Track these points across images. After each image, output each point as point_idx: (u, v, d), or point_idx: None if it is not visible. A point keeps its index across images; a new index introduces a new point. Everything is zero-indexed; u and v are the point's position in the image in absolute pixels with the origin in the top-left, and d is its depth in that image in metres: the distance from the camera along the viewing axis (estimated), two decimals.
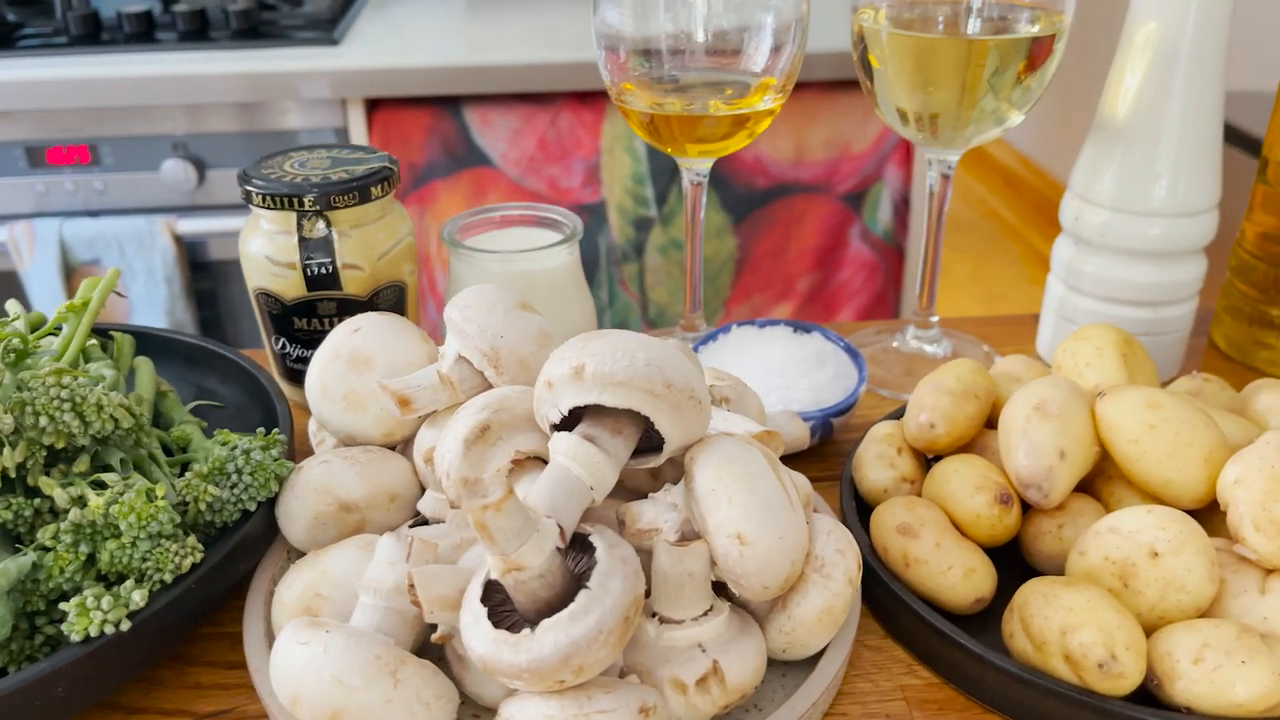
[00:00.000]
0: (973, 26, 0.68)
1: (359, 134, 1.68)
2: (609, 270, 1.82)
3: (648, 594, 0.50)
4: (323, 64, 1.60)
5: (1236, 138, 2.21)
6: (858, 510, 0.62)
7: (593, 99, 1.73)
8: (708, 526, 0.48)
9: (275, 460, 0.57)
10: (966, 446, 0.63)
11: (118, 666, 0.50)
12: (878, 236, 1.82)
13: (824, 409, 0.68)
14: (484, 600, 0.46)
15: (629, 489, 0.56)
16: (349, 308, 0.71)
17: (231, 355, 0.72)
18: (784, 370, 0.70)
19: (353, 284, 0.71)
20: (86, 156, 1.66)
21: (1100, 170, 0.74)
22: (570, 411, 0.50)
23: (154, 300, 1.64)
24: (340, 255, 0.70)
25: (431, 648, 0.51)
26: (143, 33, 1.71)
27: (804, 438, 0.66)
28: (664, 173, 1.77)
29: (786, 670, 0.54)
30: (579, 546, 0.47)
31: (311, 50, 1.64)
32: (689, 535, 0.50)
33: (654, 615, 0.50)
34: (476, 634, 0.45)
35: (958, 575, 0.55)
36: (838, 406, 0.68)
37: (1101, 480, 0.59)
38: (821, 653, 0.53)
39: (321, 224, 0.69)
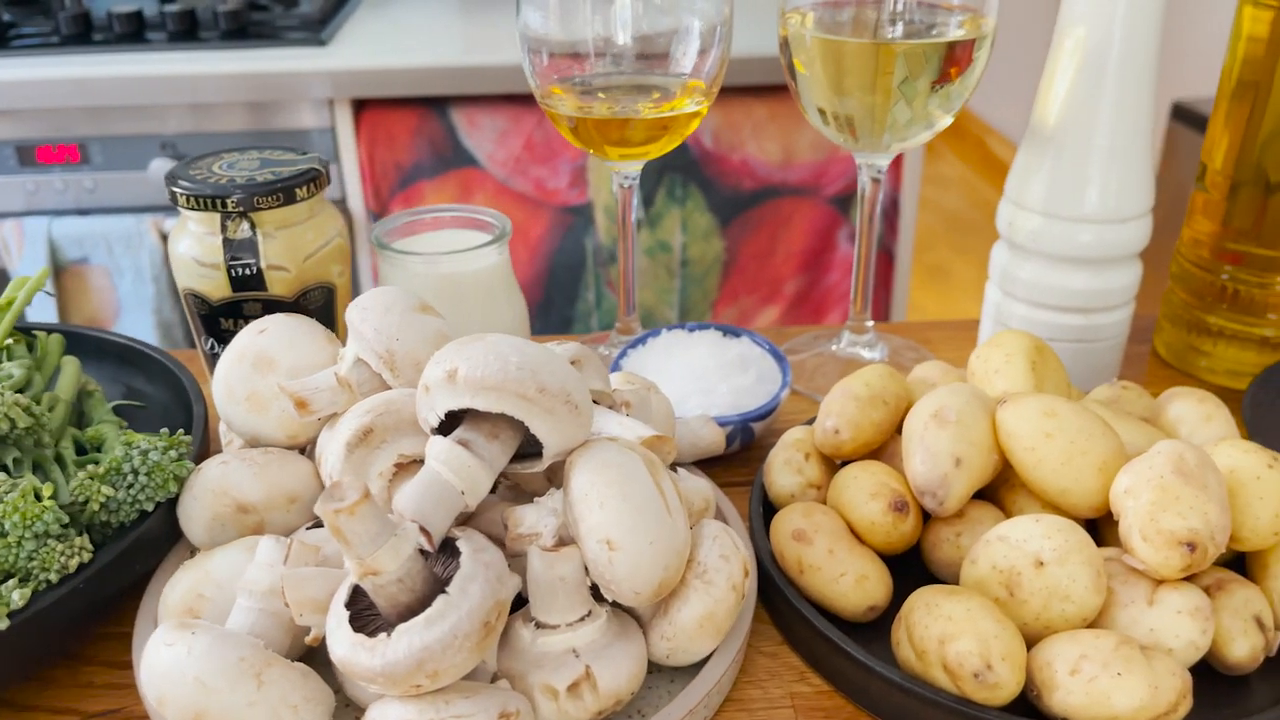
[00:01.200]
0: (893, 32, 0.68)
1: (346, 134, 1.69)
2: (595, 271, 1.82)
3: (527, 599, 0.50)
4: (309, 64, 1.61)
5: None
6: (767, 516, 0.62)
7: None
8: (579, 531, 0.48)
9: (174, 461, 0.57)
10: (877, 453, 0.62)
11: (3, 665, 0.50)
12: None
13: (743, 413, 0.68)
14: (352, 604, 0.46)
15: (529, 494, 0.56)
16: (275, 309, 0.71)
17: (157, 355, 0.72)
18: (705, 375, 0.70)
19: (279, 285, 0.71)
20: (76, 155, 1.68)
21: (1032, 176, 0.73)
22: (451, 415, 0.49)
23: (141, 299, 1.66)
24: (265, 256, 0.70)
25: (319, 651, 0.51)
26: (133, 32, 1.72)
27: (719, 442, 0.66)
28: (650, 174, 1.76)
29: (675, 676, 0.54)
30: (449, 551, 0.47)
31: (299, 51, 1.64)
32: (567, 540, 0.49)
33: (531, 620, 0.50)
34: (337, 637, 0.45)
35: (850, 582, 0.55)
36: (757, 411, 0.68)
37: (1005, 489, 0.59)
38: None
39: (246, 225, 0.69)
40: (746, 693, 0.54)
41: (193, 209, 0.69)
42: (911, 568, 0.59)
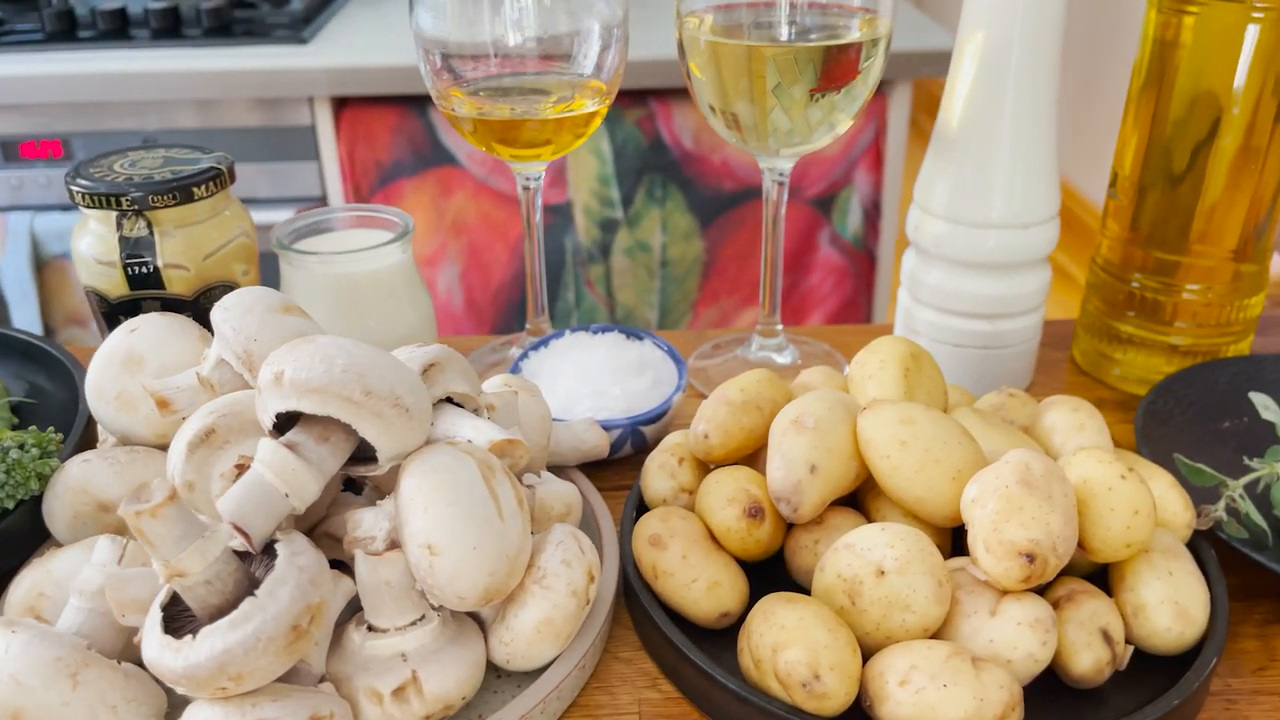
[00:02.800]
0: (778, 36, 0.68)
1: (326, 132, 1.70)
2: (575, 271, 1.82)
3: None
4: (288, 63, 1.61)
5: None
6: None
7: None
8: (404, 535, 0.48)
9: (37, 460, 0.57)
10: (751, 458, 0.62)
11: None
12: (847, 242, 1.81)
13: (632, 417, 0.68)
14: (173, 605, 0.46)
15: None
16: (174, 307, 0.72)
17: (56, 352, 0.72)
18: (599, 377, 0.70)
19: (177, 284, 0.72)
20: (59, 151, 1.69)
21: (936, 181, 0.73)
22: (286, 416, 0.49)
23: None
24: (162, 255, 0.70)
25: None
26: (117, 29, 1.74)
27: (602, 445, 0.65)
28: (630, 174, 1.76)
29: (523, 681, 0.54)
30: (273, 554, 0.47)
31: (279, 49, 1.65)
32: (398, 544, 0.49)
33: (363, 624, 0.50)
34: (149, 638, 0.45)
35: (701, 589, 0.55)
36: (647, 415, 0.68)
37: (871, 496, 0.58)
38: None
39: (142, 224, 0.70)
40: (594, 698, 0.54)
41: (90, 207, 0.69)
42: (780, 575, 0.59)
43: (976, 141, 0.71)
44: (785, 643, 0.49)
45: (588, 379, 0.70)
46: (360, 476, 0.53)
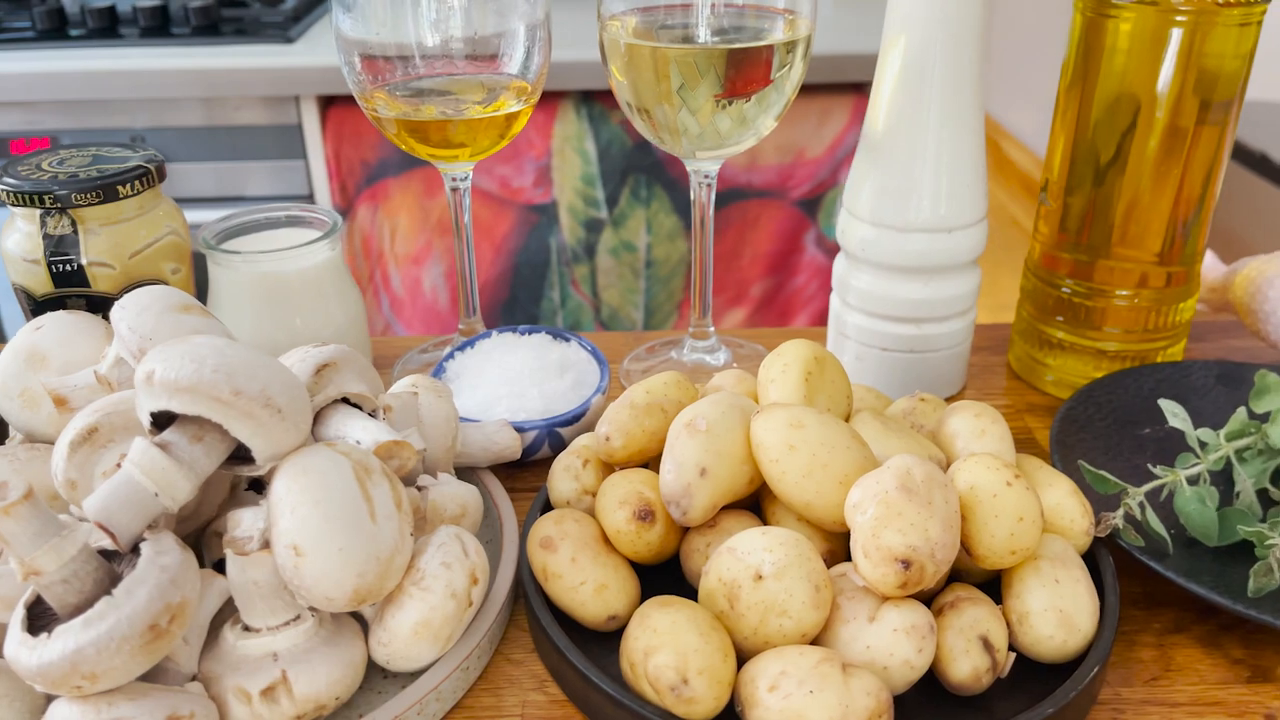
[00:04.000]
0: (698, 38, 0.67)
1: (313, 131, 1.71)
2: (560, 271, 1.82)
3: None
4: (274, 61, 1.62)
5: (1234, 150, 2.16)
6: None
7: (543, 99, 1.73)
8: (272, 536, 0.48)
9: None
10: (656, 461, 0.62)
11: None
12: (833, 243, 1.80)
13: (548, 419, 0.68)
14: (39, 604, 0.47)
15: None
16: (100, 305, 0.72)
17: None
18: (518, 379, 0.70)
19: (103, 282, 0.72)
20: (47, 148, 1.69)
21: (862, 185, 0.73)
22: (166, 416, 0.50)
23: None
24: (86, 253, 0.71)
25: None
26: (106, 28, 1.75)
27: (514, 447, 0.65)
28: (614, 174, 1.77)
29: (407, 683, 0.54)
30: (139, 554, 0.47)
31: (266, 48, 1.66)
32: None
33: (238, 624, 0.50)
34: (10, 636, 0.45)
35: (589, 591, 0.55)
36: (563, 417, 0.68)
37: (768, 500, 0.58)
38: None
39: (66, 221, 0.70)
40: (480, 700, 0.54)
41: (15, 205, 0.69)
42: (681, 579, 0.59)
43: (900, 146, 0.70)
44: (656, 646, 0.49)
45: (507, 380, 0.70)
46: (244, 476, 0.53)
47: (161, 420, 0.50)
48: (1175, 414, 0.61)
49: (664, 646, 0.49)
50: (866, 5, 1.94)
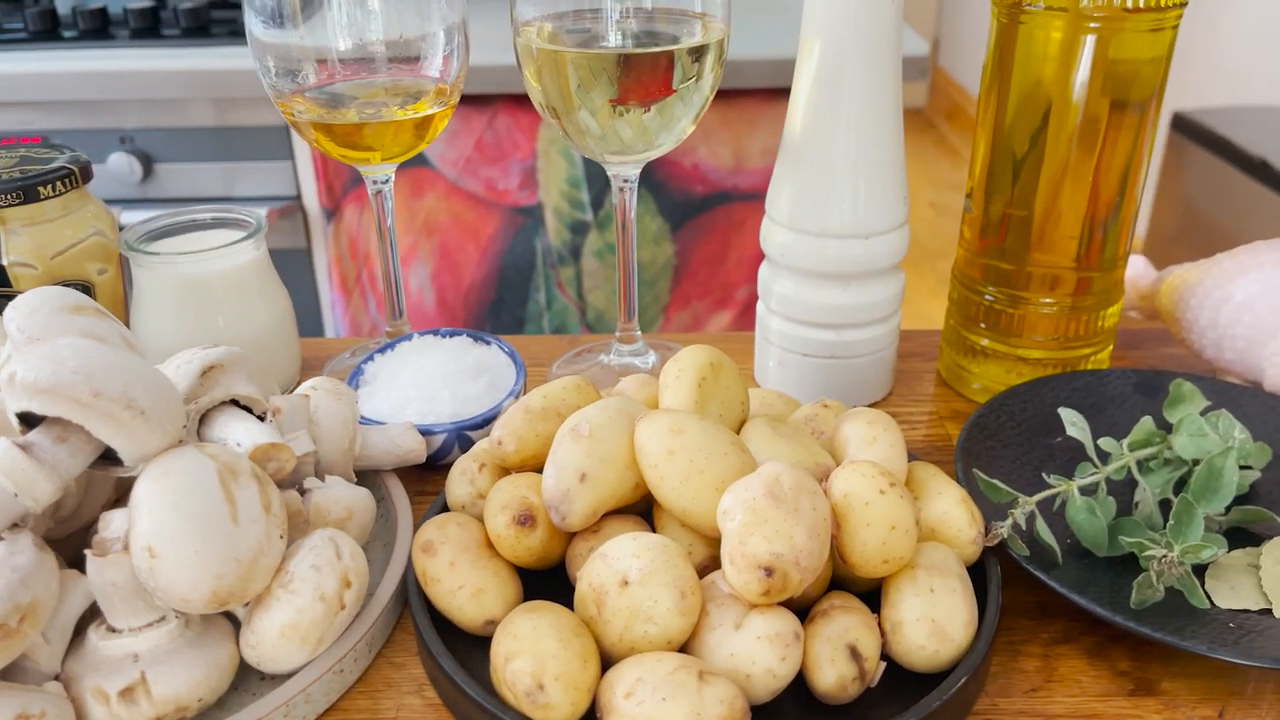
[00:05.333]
0: (612, 43, 0.67)
1: None
2: (546, 273, 1.82)
3: None
4: None
5: (1230, 151, 2.14)
6: None
7: (529, 102, 1.73)
8: (130, 537, 0.48)
9: None
10: None
11: None
12: None
13: (457, 422, 0.68)
14: None
15: None
16: None
17: None
18: (430, 382, 0.70)
19: (26, 282, 0.73)
20: None
21: (780, 189, 0.72)
22: (33, 417, 0.50)
23: None
24: (8, 253, 0.71)
25: None
26: (98, 29, 1.76)
27: (419, 450, 0.66)
28: (599, 177, 1.76)
29: (282, 685, 0.54)
30: None
31: None
32: None
33: (103, 624, 0.50)
34: None
35: (466, 595, 0.55)
36: (472, 420, 0.68)
37: (656, 506, 0.58)
38: None
39: None
40: (356, 703, 0.54)
41: None
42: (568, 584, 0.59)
43: (816, 151, 0.70)
44: (516, 652, 0.49)
45: (419, 383, 0.70)
46: (115, 477, 0.53)
47: (32, 421, 0.50)
48: (1074, 423, 0.61)
49: (523, 652, 0.49)
50: None
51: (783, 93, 1.68)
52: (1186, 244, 2.48)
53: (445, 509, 0.63)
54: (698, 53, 0.67)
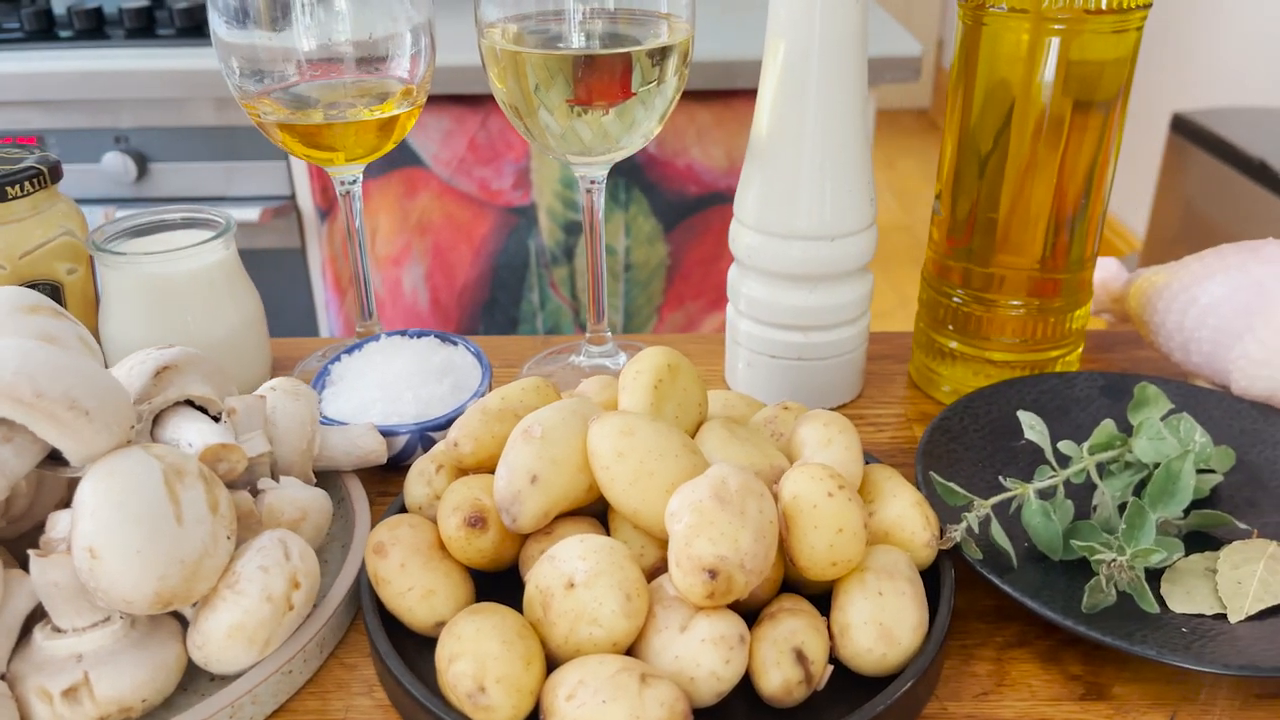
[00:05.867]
0: (575, 44, 0.67)
1: None
2: (539, 273, 1.82)
3: None
4: None
5: (1229, 153, 2.13)
6: None
7: None
8: (72, 538, 0.48)
9: None
10: None
11: None
12: None
13: (420, 423, 0.68)
14: None
15: None
16: None
17: None
18: (395, 383, 0.70)
19: None
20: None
21: (748, 191, 0.72)
22: None
23: None
24: None
25: None
26: (93, 29, 1.77)
27: (379, 451, 0.66)
28: None
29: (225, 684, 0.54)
30: None
31: None
32: None
33: (49, 624, 0.50)
34: None
35: (416, 597, 0.55)
36: (435, 421, 0.68)
37: (611, 508, 0.58)
38: None
39: None
40: (305, 704, 0.54)
41: None
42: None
43: (782, 153, 0.70)
44: (458, 654, 0.49)
45: (385, 384, 0.70)
46: (64, 477, 0.53)
47: None
48: (1033, 426, 0.61)
49: (465, 654, 0.49)
50: None
51: None
52: (1187, 246, 2.46)
53: (404, 510, 0.63)
54: (658, 55, 0.67)
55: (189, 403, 0.59)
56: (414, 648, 0.55)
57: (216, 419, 0.59)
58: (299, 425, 0.62)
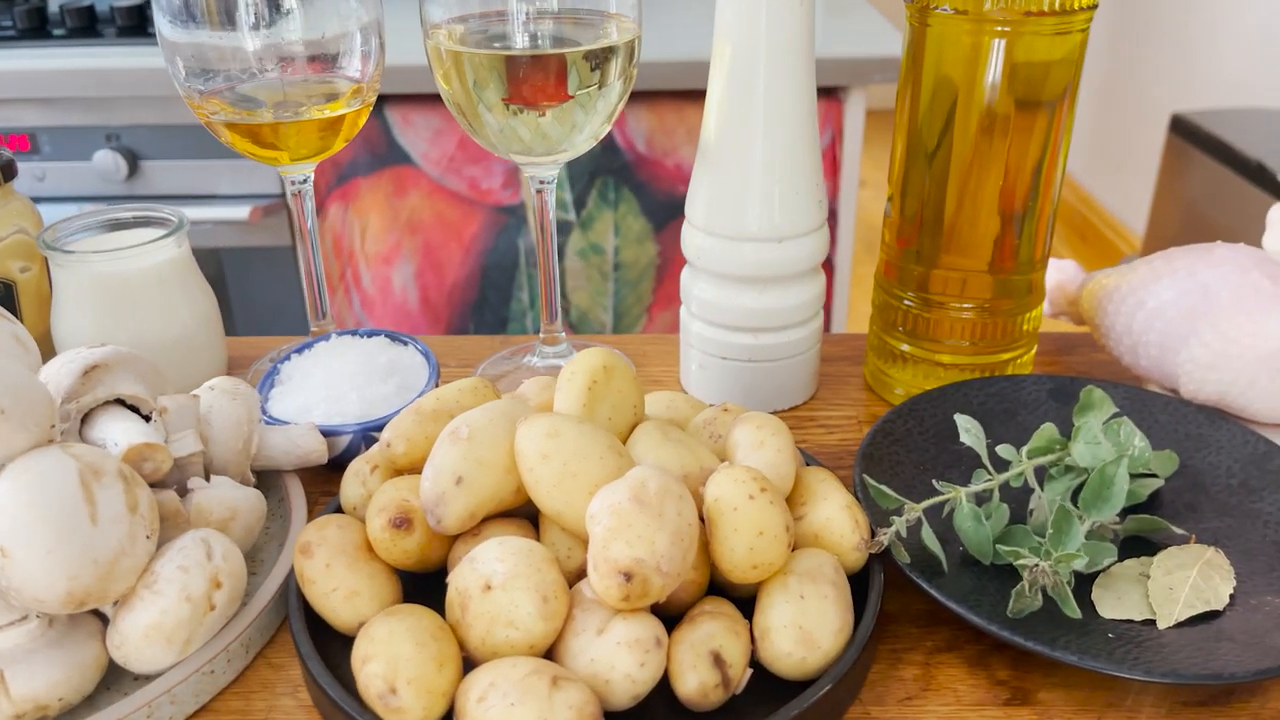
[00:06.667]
0: (517, 44, 0.67)
1: None
2: (529, 273, 1.82)
3: None
4: None
5: (1227, 154, 2.12)
6: None
7: None
8: None
9: None
10: None
11: None
12: None
13: (362, 423, 0.68)
14: None
15: None
16: None
17: None
18: (340, 383, 0.70)
19: None
20: (26, 145, 1.73)
21: (697, 192, 0.72)
22: None
23: None
24: None
25: None
26: (85, 26, 1.78)
27: (320, 451, 0.66)
28: (582, 177, 1.76)
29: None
30: None
31: None
32: None
33: None
34: None
35: (340, 598, 0.55)
36: (377, 421, 0.68)
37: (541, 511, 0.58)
38: None
39: None
40: (228, 704, 0.54)
41: None
42: None
43: (730, 154, 0.70)
44: (371, 655, 0.49)
45: (330, 384, 0.70)
46: None
47: None
48: (968, 430, 0.60)
49: (377, 655, 0.49)
50: (834, 7, 1.92)
51: None
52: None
53: (340, 510, 0.63)
54: (597, 57, 0.67)
55: (122, 402, 0.59)
56: (342, 649, 0.55)
57: (148, 418, 0.59)
58: (235, 425, 0.62)
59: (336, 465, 0.69)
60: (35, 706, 0.50)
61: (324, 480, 0.70)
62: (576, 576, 0.55)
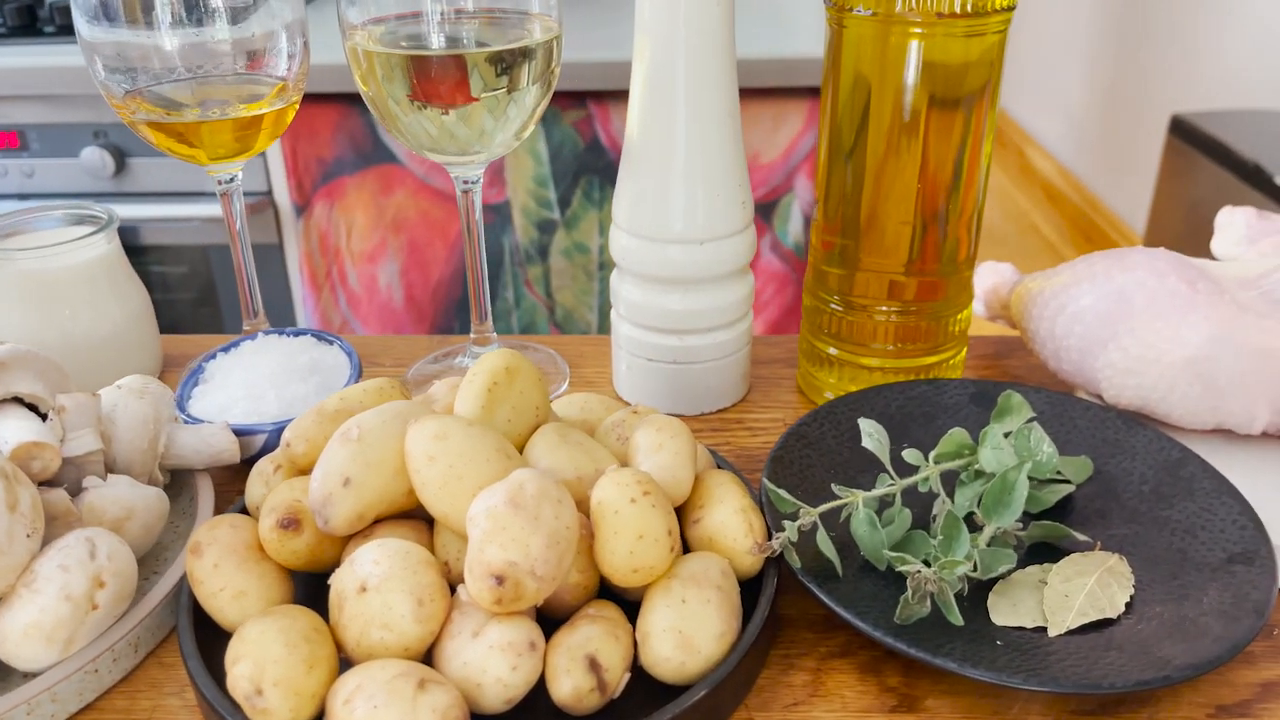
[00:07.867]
0: (435, 44, 0.67)
1: None
2: (514, 271, 1.82)
3: None
4: None
5: (1225, 155, 2.11)
6: None
7: None
8: None
9: None
10: None
11: None
12: (788, 249, 1.79)
13: (277, 422, 0.68)
14: None
15: None
16: None
17: None
18: (260, 382, 0.70)
19: None
20: (15, 142, 1.74)
21: (621, 193, 0.72)
22: None
23: None
24: None
25: None
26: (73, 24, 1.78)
27: (232, 450, 0.66)
28: (566, 175, 1.76)
29: None
30: None
31: None
32: None
33: None
34: None
35: (227, 598, 0.55)
36: (292, 420, 0.68)
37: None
38: None
39: None
40: (114, 703, 0.54)
41: None
42: None
43: (652, 154, 0.69)
44: (240, 656, 0.49)
45: (250, 383, 0.70)
46: None
47: None
48: (871, 434, 0.60)
49: (246, 656, 0.49)
50: (814, 6, 1.91)
51: (750, 94, 1.67)
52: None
53: (246, 510, 0.63)
54: (504, 60, 0.66)
55: (21, 400, 0.59)
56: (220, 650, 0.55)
57: (45, 417, 0.59)
58: (141, 423, 0.62)
59: (252, 465, 0.69)
60: None
61: (241, 480, 0.70)
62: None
